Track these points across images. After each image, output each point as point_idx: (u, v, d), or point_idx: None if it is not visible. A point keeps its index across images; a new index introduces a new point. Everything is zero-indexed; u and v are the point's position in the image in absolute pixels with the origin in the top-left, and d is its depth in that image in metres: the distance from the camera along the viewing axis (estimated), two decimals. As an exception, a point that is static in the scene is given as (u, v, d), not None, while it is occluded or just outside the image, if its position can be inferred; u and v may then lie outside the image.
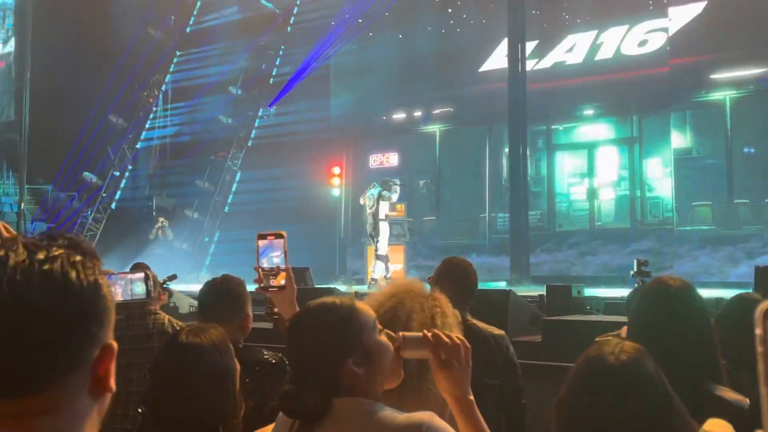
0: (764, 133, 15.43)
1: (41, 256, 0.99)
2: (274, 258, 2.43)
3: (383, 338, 1.90)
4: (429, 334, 1.89)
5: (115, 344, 1.04)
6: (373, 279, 13.96)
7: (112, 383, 1.04)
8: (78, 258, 1.02)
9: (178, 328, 4.16)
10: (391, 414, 1.80)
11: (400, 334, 1.89)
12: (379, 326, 1.92)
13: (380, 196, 13.75)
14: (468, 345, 1.93)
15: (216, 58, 22.70)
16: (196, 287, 12.78)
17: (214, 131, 22.59)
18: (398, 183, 14.29)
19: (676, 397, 1.94)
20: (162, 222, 20.93)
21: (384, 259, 13.84)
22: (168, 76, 23.92)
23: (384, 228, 13.87)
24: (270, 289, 2.44)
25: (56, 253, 1.00)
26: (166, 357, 2.25)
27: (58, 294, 0.98)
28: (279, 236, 2.43)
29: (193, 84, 22.78)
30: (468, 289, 3.64)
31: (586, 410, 1.87)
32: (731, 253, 14.73)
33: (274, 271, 2.42)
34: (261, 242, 2.44)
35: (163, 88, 24.01)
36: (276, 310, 2.47)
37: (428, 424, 1.76)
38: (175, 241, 21.12)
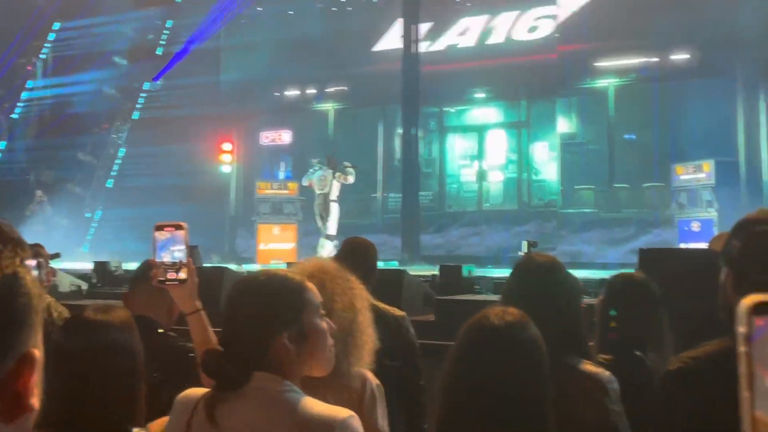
0: (644, 121, 16.12)
1: None
2: (176, 252, 2.26)
3: (324, 324, 1.86)
4: None
5: (38, 353, 0.86)
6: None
7: (35, 401, 0.85)
8: None
9: (57, 311, 3.91)
10: (308, 402, 1.74)
11: None
12: (323, 311, 1.88)
13: (335, 178, 14.07)
14: None
15: (101, 28, 21.70)
16: (78, 265, 12.27)
17: (97, 103, 21.64)
18: (350, 165, 14.25)
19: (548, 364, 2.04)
20: (40, 196, 19.94)
21: (333, 238, 13.87)
22: (49, 44, 22.70)
23: (335, 208, 14.26)
24: (169, 283, 2.28)
25: None
26: (70, 338, 2.06)
27: None
28: (179, 227, 2.26)
29: (76, 53, 21.72)
30: (370, 269, 3.64)
31: (471, 365, 2.00)
32: (611, 235, 15.37)
33: (176, 266, 2.27)
34: (159, 234, 2.26)
35: (43, 56, 22.78)
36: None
37: (343, 424, 1.71)
38: (54, 217, 20.18)
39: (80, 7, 22.07)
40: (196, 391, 1.86)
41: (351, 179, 14.29)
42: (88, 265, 10.79)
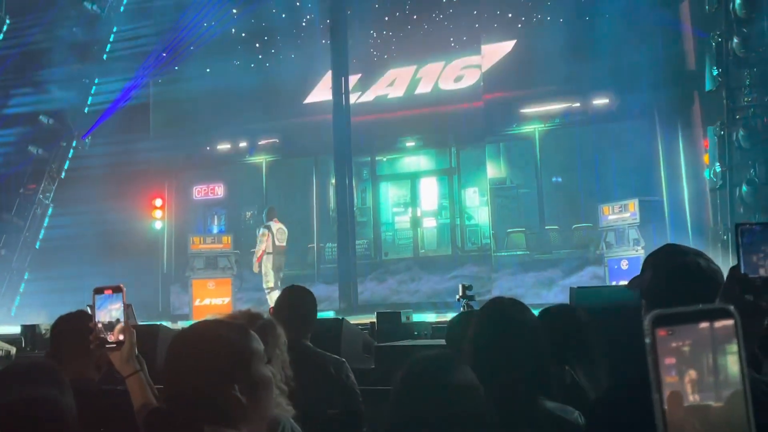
0: (569, 164, 16.61)
1: None
2: (113, 311, 2.25)
3: (269, 372, 1.84)
4: None
5: None
6: None
7: None
8: None
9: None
10: None
11: None
12: (265, 359, 1.86)
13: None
14: None
15: (25, 85, 21.31)
16: (6, 329, 11.84)
17: (22, 162, 21.15)
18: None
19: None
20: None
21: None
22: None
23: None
24: (108, 346, 2.25)
25: None
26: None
27: None
28: (117, 290, 2.26)
29: (-1, 112, 21.23)
30: (307, 317, 3.66)
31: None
32: (544, 275, 15.66)
33: (112, 326, 2.24)
34: (98, 296, 2.27)
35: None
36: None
37: None
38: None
39: (2, 65, 21.68)
40: None
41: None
42: (16, 329, 10.42)
